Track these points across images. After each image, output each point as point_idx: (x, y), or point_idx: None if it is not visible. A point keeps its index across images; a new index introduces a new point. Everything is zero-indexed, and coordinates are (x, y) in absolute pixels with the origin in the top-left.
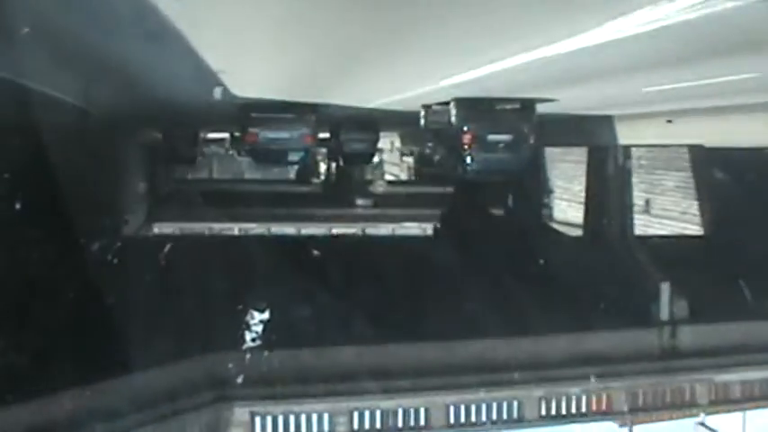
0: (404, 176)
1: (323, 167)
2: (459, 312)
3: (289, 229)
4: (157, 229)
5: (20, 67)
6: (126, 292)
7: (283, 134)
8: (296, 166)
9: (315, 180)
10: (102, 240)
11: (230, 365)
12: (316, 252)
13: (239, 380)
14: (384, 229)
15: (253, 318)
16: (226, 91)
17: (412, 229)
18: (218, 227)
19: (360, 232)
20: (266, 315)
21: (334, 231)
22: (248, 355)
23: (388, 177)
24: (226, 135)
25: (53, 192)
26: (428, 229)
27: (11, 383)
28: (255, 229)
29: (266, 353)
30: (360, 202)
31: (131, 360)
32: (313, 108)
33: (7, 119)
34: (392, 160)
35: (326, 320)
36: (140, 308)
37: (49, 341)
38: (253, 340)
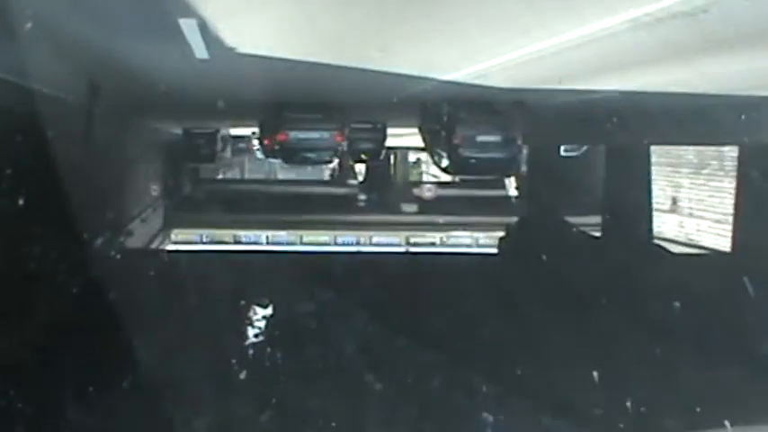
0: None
1: (359, 167)
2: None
3: (323, 237)
4: (175, 236)
5: (22, 66)
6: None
7: (314, 134)
8: (330, 166)
9: (351, 181)
10: (99, 256)
11: None
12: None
13: None
14: (433, 239)
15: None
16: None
17: (465, 239)
18: (243, 235)
19: (404, 242)
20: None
21: (375, 240)
22: None
23: (426, 177)
24: (250, 133)
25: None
26: (485, 238)
27: None
28: (285, 237)
29: None
30: (406, 207)
31: None
32: (343, 106)
33: (13, 117)
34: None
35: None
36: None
37: None
38: None
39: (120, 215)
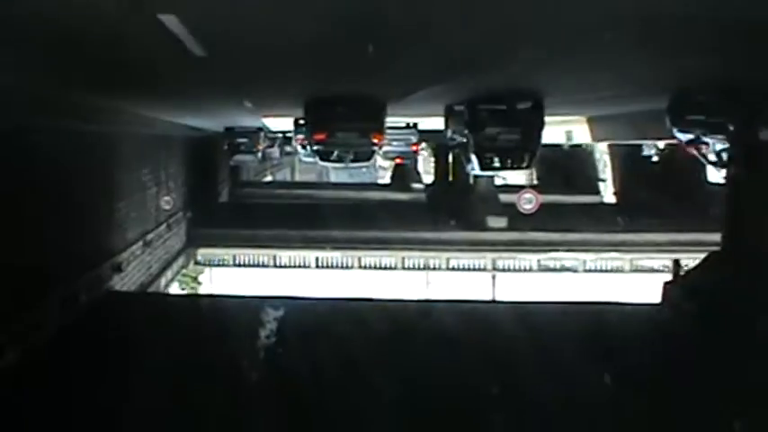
0: (523, 181)
1: (424, 165)
2: None
3: (387, 259)
4: (202, 256)
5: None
6: None
7: (353, 133)
8: (387, 166)
9: (416, 185)
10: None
11: None
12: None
13: None
14: (526, 261)
15: None
16: None
17: (567, 260)
18: (288, 256)
19: (490, 267)
20: None
21: (452, 262)
22: None
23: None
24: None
25: None
26: (595, 260)
27: None
28: (339, 258)
29: None
30: (492, 221)
31: None
32: (383, 103)
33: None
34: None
35: None
36: None
37: None
38: None
39: (109, 237)
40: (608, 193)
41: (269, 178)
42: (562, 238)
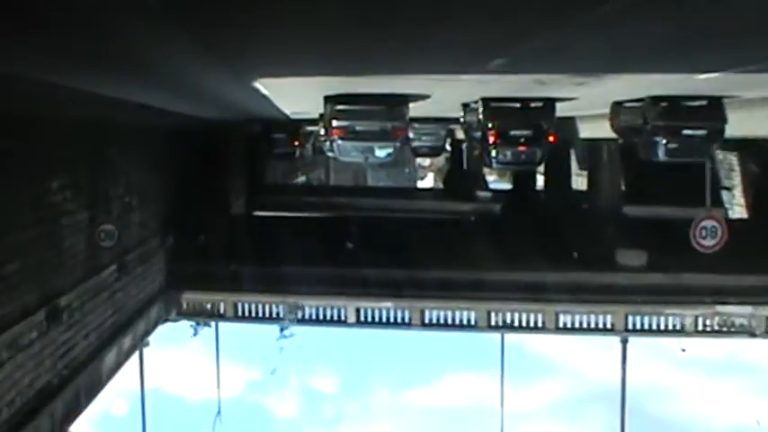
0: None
1: (489, 170)
2: None
3: (462, 312)
4: (189, 304)
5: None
6: None
7: (373, 127)
8: (440, 166)
9: (482, 193)
10: None
11: None
12: None
13: None
14: (680, 320)
15: None
16: None
17: (738, 316)
18: (310, 309)
19: (621, 328)
20: None
21: (561, 319)
22: None
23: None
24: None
25: None
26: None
27: None
28: (388, 312)
29: None
30: (625, 257)
31: None
32: (404, 98)
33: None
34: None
35: None
36: None
37: None
38: None
39: None
40: (736, 206)
41: (302, 179)
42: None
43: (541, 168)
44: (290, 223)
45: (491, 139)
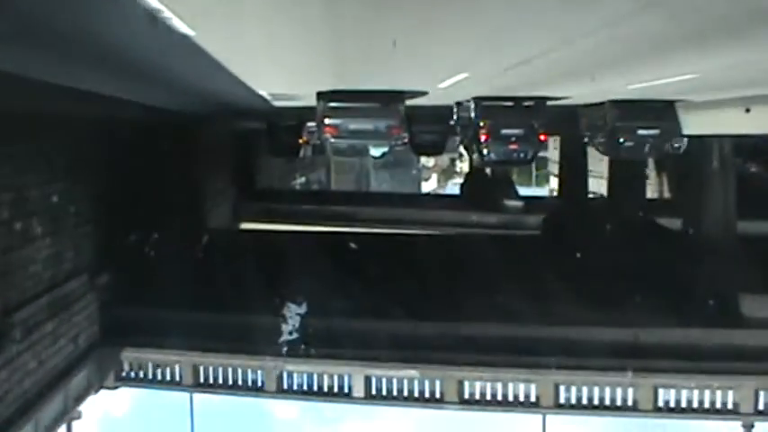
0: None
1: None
2: None
3: (516, 390)
4: (132, 364)
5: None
6: None
7: (367, 125)
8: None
9: (515, 203)
10: None
11: None
12: None
13: None
14: None
15: None
16: None
17: None
18: (295, 371)
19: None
20: None
21: (662, 396)
22: None
23: None
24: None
25: None
26: None
27: None
28: (417, 385)
29: None
30: (757, 309)
31: None
32: (400, 95)
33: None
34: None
35: None
36: None
37: None
38: None
39: None
40: None
41: (301, 181)
42: None
43: (600, 168)
44: (281, 242)
45: (483, 138)
